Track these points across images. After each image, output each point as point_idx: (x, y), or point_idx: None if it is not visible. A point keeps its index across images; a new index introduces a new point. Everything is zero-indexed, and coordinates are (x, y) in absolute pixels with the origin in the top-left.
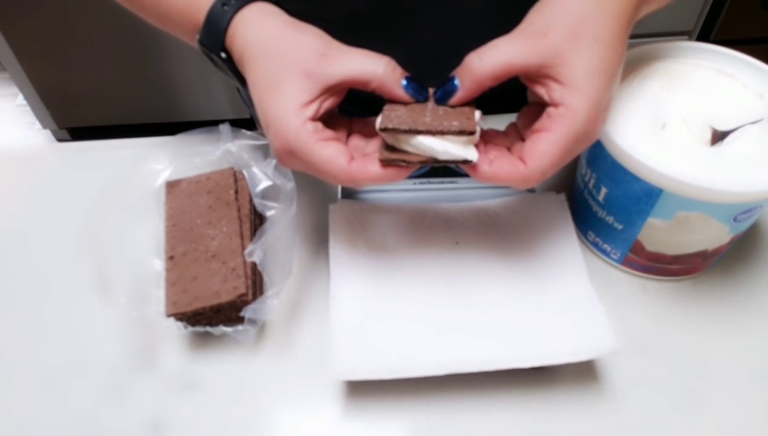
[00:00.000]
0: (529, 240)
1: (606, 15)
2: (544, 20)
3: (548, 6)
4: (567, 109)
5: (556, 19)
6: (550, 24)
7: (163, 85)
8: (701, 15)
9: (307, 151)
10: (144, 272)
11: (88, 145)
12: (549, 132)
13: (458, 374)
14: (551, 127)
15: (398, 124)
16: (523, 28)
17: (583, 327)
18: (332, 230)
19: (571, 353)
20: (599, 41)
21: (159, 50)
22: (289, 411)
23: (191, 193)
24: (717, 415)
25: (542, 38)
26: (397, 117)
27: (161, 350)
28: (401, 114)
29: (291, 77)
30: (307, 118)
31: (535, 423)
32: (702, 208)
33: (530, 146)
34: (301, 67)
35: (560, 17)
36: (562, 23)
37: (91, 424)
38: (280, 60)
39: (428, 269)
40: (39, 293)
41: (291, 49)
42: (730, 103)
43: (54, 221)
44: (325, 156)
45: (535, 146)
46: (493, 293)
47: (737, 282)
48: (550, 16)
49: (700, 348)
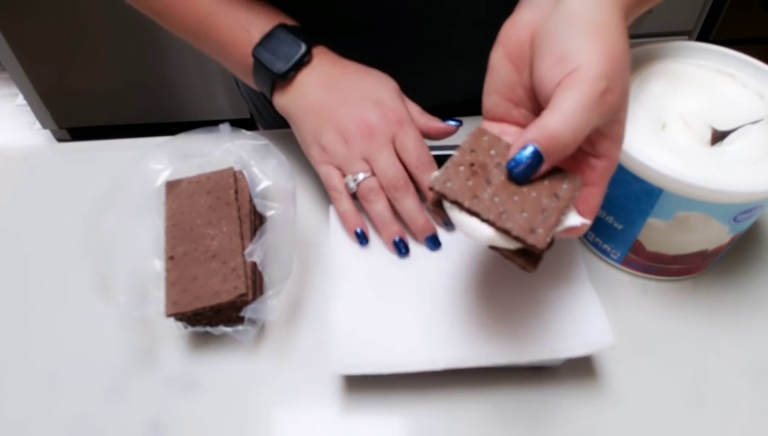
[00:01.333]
0: None
1: (629, 57)
2: (604, 68)
3: (596, 45)
4: (610, 161)
5: (619, 69)
6: (613, 77)
7: (163, 85)
8: (701, 15)
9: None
10: (144, 272)
11: (88, 145)
12: (597, 187)
13: (458, 374)
14: (598, 182)
15: (548, 230)
16: (581, 75)
17: (580, 323)
18: (333, 226)
19: (569, 348)
20: (628, 91)
21: (159, 50)
22: (289, 411)
23: (191, 193)
24: (717, 414)
25: (611, 97)
26: (529, 222)
27: (161, 350)
28: (520, 215)
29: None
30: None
31: (535, 423)
32: (702, 208)
33: (584, 202)
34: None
35: (616, 66)
36: (621, 77)
37: (91, 424)
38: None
39: (427, 265)
40: (39, 293)
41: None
42: (730, 103)
43: (54, 221)
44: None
45: (590, 203)
46: (490, 288)
47: (737, 282)
48: (610, 67)
49: (700, 348)
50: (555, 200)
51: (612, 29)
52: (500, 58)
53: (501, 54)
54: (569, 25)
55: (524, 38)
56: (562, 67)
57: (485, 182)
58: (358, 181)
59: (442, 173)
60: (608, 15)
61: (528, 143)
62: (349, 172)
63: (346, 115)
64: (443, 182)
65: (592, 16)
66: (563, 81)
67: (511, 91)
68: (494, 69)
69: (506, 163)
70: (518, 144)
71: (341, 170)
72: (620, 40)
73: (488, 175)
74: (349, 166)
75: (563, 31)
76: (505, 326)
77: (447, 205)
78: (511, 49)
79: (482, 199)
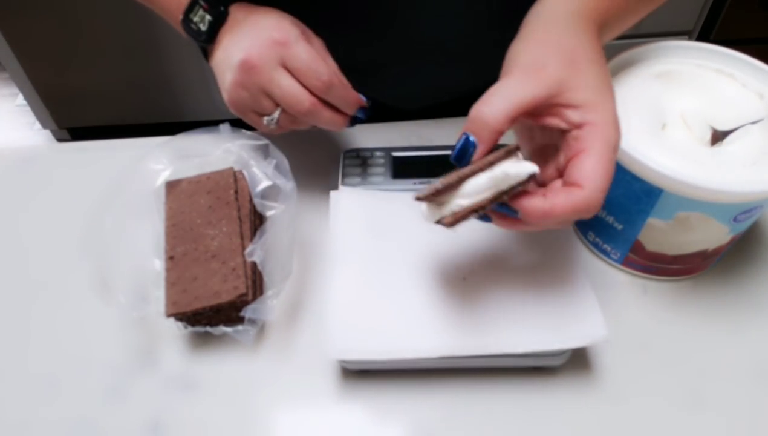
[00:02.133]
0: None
1: (589, 39)
2: (535, 57)
3: (534, 43)
4: (593, 125)
5: (548, 53)
6: (544, 59)
7: (163, 85)
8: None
9: (304, 43)
10: (144, 272)
11: (88, 145)
12: (587, 151)
13: (458, 373)
14: (586, 147)
15: (446, 180)
16: (517, 67)
17: (575, 315)
18: (333, 214)
19: (562, 340)
20: (594, 62)
21: (159, 50)
22: (289, 411)
23: (191, 193)
24: (717, 415)
25: (542, 72)
26: (435, 186)
27: (161, 350)
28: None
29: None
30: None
31: (535, 423)
32: (702, 208)
33: (577, 169)
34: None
35: (551, 51)
36: (555, 55)
37: (91, 424)
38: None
39: (425, 256)
40: (39, 293)
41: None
42: (730, 103)
43: (54, 221)
44: (313, 54)
45: (583, 166)
46: (487, 280)
47: (737, 282)
48: (541, 53)
49: (700, 348)
50: (483, 163)
51: (550, 21)
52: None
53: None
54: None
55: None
56: (505, 66)
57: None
58: (275, 120)
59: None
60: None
61: (462, 133)
62: (263, 113)
63: (236, 58)
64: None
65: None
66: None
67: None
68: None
69: (451, 158)
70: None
71: (258, 113)
72: (556, 26)
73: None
74: (259, 107)
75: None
76: (500, 317)
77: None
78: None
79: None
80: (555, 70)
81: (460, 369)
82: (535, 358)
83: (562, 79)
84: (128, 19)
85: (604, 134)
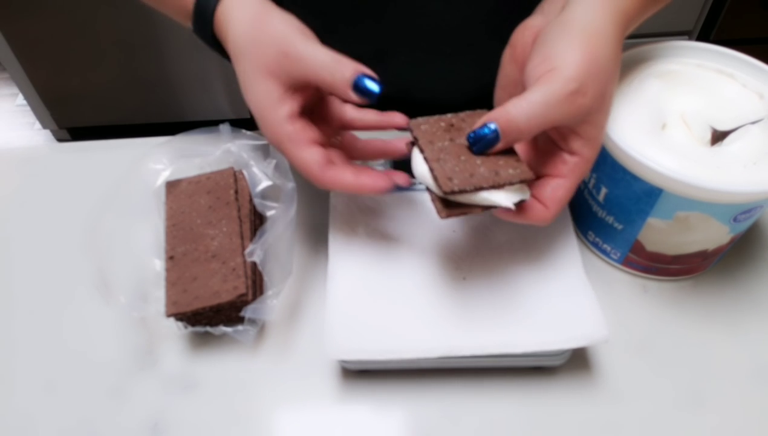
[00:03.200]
0: (526, 230)
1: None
2: (579, 74)
3: (579, 53)
4: (582, 159)
5: (590, 76)
6: (587, 82)
7: (163, 85)
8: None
9: (285, 150)
10: (144, 272)
11: (88, 145)
12: (566, 179)
13: (458, 374)
14: (568, 175)
15: (464, 185)
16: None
17: (575, 316)
18: (332, 215)
19: (563, 340)
20: (611, 97)
21: (159, 50)
22: (289, 411)
23: (191, 193)
24: (717, 414)
25: (581, 99)
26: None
27: (161, 350)
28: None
29: (257, 78)
30: (286, 116)
31: (535, 423)
32: (702, 208)
33: (551, 193)
34: (265, 68)
35: (593, 74)
36: (595, 84)
37: (91, 424)
38: (248, 61)
39: (424, 255)
40: (39, 292)
41: (255, 48)
42: (730, 103)
43: (54, 221)
44: (300, 159)
45: (556, 193)
46: (487, 281)
47: (737, 282)
48: (584, 73)
49: (700, 348)
50: (492, 175)
51: (599, 37)
52: (508, 58)
53: (509, 55)
54: (562, 29)
55: (528, 41)
56: (545, 65)
57: (449, 140)
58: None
59: (425, 118)
60: (601, 23)
61: (490, 121)
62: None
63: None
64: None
65: (584, 23)
66: (541, 77)
67: (515, 88)
68: (503, 68)
69: (467, 136)
70: (483, 120)
71: None
72: (605, 48)
73: (457, 136)
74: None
75: (556, 35)
76: (500, 317)
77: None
78: (517, 51)
79: (435, 146)
80: (591, 101)
81: (460, 369)
82: (535, 358)
83: (591, 111)
84: (128, 19)
85: (585, 170)
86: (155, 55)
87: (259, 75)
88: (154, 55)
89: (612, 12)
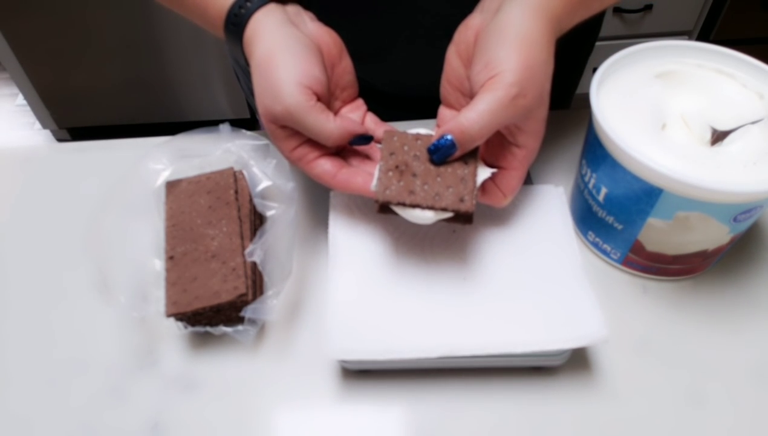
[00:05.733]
0: (526, 230)
1: (549, 65)
2: (520, 79)
3: (518, 58)
4: (528, 150)
5: (530, 79)
6: (527, 85)
7: (163, 85)
8: (701, 15)
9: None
10: (144, 272)
11: (88, 145)
12: (516, 170)
13: (458, 373)
14: (518, 167)
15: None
16: (503, 83)
17: (575, 315)
18: (332, 215)
19: (563, 340)
20: (548, 93)
21: (159, 50)
22: (289, 411)
23: (191, 193)
24: (716, 414)
25: (522, 100)
26: (392, 186)
27: (161, 350)
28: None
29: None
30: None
31: (535, 423)
32: (702, 208)
33: (507, 184)
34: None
35: (531, 76)
36: (534, 86)
37: (91, 424)
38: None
39: (425, 255)
40: (39, 293)
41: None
42: (730, 103)
43: (54, 221)
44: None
45: (510, 184)
46: (488, 281)
47: (737, 282)
48: (525, 77)
49: (700, 348)
50: (466, 167)
51: (533, 42)
52: (453, 54)
53: (453, 51)
54: (499, 35)
55: (471, 39)
56: (487, 72)
57: (412, 176)
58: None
59: (379, 184)
60: (533, 28)
61: (446, 133)
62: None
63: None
64: (383, 191)
65: (519, 29)
66: (485, 84)
67: (460, 83)
68: (448, 63)
69: (427, 148)
70: (439, 133)
71: None
72: (540, 52)
73: (412, 169)
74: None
75: (494, 40)
76: (500, 317)
77: (393, 206)
78: (461, 48)
79: (417, 193)
80: (531, 101)
81: (460, 369)
82: (535, 358)
83: (532, 109)
84: (128, 19)
85: (531, 158)
86: (155, 55)
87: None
88: (154, 55)
89: (543, 18)
